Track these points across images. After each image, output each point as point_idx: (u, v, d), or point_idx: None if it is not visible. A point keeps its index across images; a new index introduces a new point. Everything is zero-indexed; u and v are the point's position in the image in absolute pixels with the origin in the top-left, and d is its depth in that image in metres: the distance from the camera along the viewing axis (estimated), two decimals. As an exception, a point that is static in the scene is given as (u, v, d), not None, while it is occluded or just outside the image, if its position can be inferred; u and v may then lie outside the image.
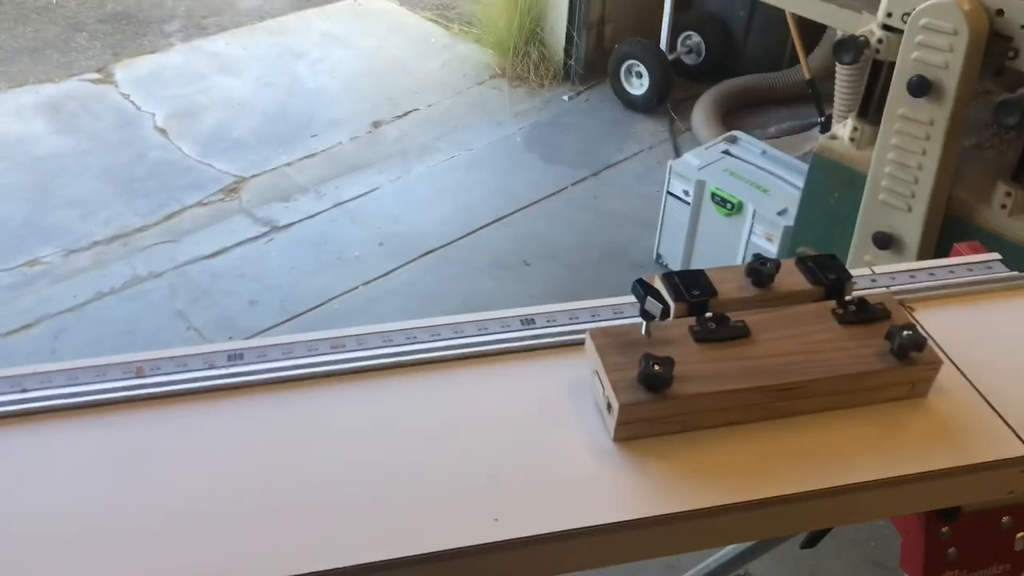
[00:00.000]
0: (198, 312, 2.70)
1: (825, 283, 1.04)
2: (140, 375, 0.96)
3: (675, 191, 2.74)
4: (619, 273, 2.89)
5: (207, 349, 0.99)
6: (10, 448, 0.90)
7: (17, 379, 0.94)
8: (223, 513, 0.85)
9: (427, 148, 3.45)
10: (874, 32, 2.00)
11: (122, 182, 3.20)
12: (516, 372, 1.01)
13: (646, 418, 0.91)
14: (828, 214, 2.26)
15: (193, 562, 0.81)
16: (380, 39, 4.15)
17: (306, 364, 0.99)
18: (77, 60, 3.92)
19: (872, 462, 0.92)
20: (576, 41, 3.77)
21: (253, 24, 4.25)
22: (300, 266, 2.88)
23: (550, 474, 0.90)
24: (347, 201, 3.16)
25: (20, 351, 2.54)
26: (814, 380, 0.94)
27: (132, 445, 0.91)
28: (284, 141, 3.45)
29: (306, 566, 0.80)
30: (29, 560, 0.80)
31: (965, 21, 1.82)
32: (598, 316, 1.07)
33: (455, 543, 0.83)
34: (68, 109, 3.59)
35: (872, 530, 2.08)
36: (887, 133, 2.01)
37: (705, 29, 3.70)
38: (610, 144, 3.50)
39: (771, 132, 3.36)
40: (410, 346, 1.02)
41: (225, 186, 3.21)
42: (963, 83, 1.88)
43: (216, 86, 3.76)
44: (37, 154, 3.32)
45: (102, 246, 2.93)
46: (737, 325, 0.97)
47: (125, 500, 0.86)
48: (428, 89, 3.80)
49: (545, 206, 3.18)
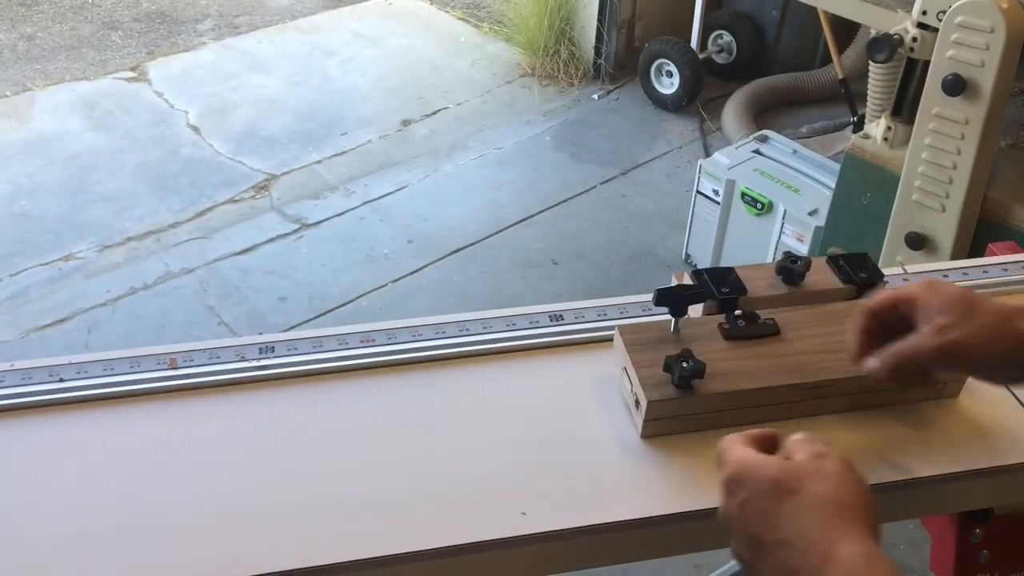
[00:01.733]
0: (228, 308, 2.72)
1: (856, 282, 1.03)
2: (173, 366, 0.97)
3: (705, 191, 2.73)
4: (648, 273, 2.88)
5: (239, 342, 1.01)
6: (47, 435, 0.92)
7: (55, 369, 0.96)
8: (253, 502, 0.86)
9: (456, 147, 3.46)
10: (909, 30, 1.98)
11: (155, 179, 3.24)
12: (544, 368, 1.02)
13: (674, 415, 0.91)
14: (860, 214, 2.23)
15: (223, 550, 0.82)
16: (410, 38, 4.17)
17: (336, 357, 1.00)
18: (112, 58, 3.97)
19: (902, 462, 0.91)
20: (606, 40, 3.76)
21: (284, 23, 4.28)
22: (329, 263, 2.90)
23: (577, 469, 0.91)
24: (376, 199, 3.18)
25: (54, 345, 2.58)
26: (844, 379, 0.93)
27: (165, 434, 0.92)
28: (314, 139, 3.48)
29: (335, 556, 0.81)
30: (63, 545, 0.82)
31: (1003, 19, 1.79)
32: (627, 313, 1.07)
33: (482, 536, 0.83)
34: (103, 107, 3.63)
35: (902, 533, 2.06)
36: (921, 133, 1.99)
37: (736, 28, 3.68)
38: (639, 143, 3.49)
39: (803, 132, 3.33)
40: (439, 341, 1.02)
41: (256, 183, 3.24)
42: (999, 82, 1.85)
43: (247, 84, 3.80)
44: (73, 151, 3.37)
45: (135, 242, 2.96)
46: (767, 323, 0.97)
47: (157, 487, 0.87)
48: (457, 88, 3.81)
49: (573, 205, 3.17)
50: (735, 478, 0.65)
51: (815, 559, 0.57)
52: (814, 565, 0.57)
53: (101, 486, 0.87)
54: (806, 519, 0.59)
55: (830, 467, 0.63)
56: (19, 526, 0.83)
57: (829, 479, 0.61)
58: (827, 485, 0.61)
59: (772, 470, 0.63)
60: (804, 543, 0.58)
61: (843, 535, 0.58)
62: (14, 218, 3.05)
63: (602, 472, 0.90)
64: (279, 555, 0.81)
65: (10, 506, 0.85)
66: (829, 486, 0.61)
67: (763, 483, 0.63)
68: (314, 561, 0.81)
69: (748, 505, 0.63)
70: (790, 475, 0.62)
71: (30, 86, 3.75)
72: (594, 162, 3.38)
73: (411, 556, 0.82)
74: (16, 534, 0.82)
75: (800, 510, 0.60)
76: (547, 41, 3.78)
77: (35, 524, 0.83)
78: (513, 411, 0.97)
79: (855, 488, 0.62)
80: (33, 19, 4.26)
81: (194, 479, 0.88)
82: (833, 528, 0.58)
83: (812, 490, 0.61)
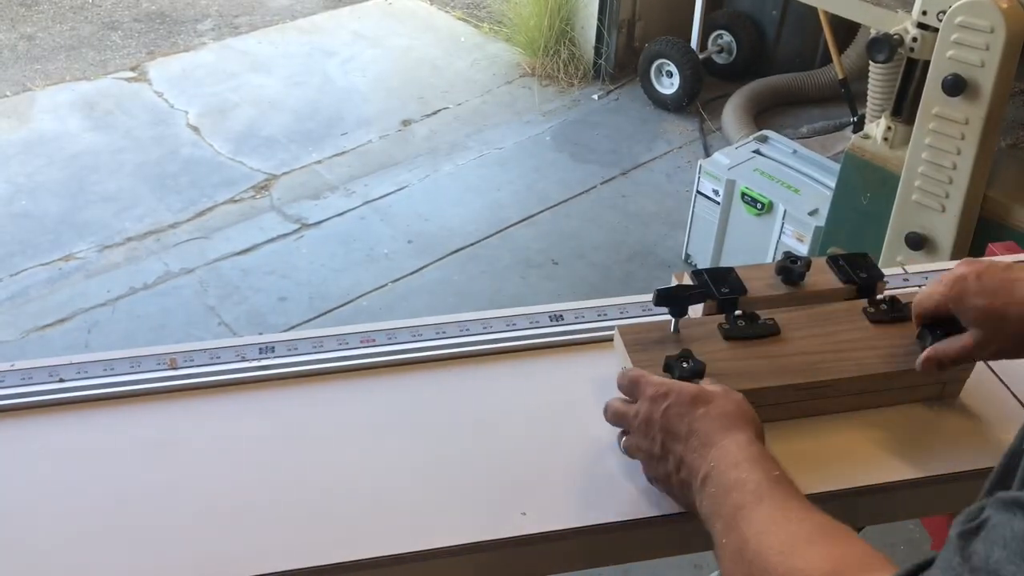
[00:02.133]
0: (228, 308, 2.72)
1: (856, 282, 1.03)
2: (173, 366, 0.97)
3: (705, 191, 2.73)
4: (648, 273, 2.88)
5: (239, 342, 1.01)
6: (47, 435, 0.92)
7: (55, 369, 0.96)
8: (253, 502, 0.86)
9: (456, 147, 3.46)
10: (909, 30, 1.98)
11: (155, 179, 3.24)
12: (544, 368, 1.02)
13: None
14: (860, 214, 2.23)
15: (223, 550, 0.82)
16: (410, 38, 4.17)
17: (336, 357, 1.00)
18: (112, 58, 3.97)
19: (902, 462, 0.91)
20: (606, 40, 3.76)
21: (284, 23, 4.28)
22: (329, 263, 2.89)
23: (577, 469, 0.91)
24: (376, 199, 3.18)
25: (54, 344, 2.58)
26: (844, 379, 0.93)
27: (165, 434, 0.92)
28: (314, 139, 3.48)
29: (335, 556, 0.81)
30: (63, 545, 0.82)
31: (1003, 19, 1.79)
32: (626, 313, 1.07)
33: (482, 536, 0.83)
34: (103, 107, 3.63)
35: (902, 533, 2.06)
36: (921, 133, 1.98)
37: (736, 28, 3.68)
38: (639, 143, 3.49)
39: (803, 132, 3.33)
40: (439, 341, 1.02)
41: (256, 183, 3.24)
42: (999, 82, 1.85)
43: (247, 84, 3.80)
44: (72, 151, 3.37)
45: (135, 242, 2.96)
46: (767, 323, 0.97)
47: (157, 487, 0.87)
48: (457, 88, 3.81)
49: (574, 205, 3.17)
50: (663, 392, 0.84)
51: (712, 440, 0.79)
52: (709, 443, 0.79)
53: (101, 486, 0.87)
54: (714, 419, 0.80)
55: (735, 396, 0.84)
56: (19, 526, 0.83)
57: (734, 401, 0.83)
58: (731, 403, 0.82)
59: (694, 389, 0.84)
60: (707, 432, 0.80)
61: (736, 430, 0.79)
62: (14, 218, 3.05)
63: (602, 472, 0.90)
64: (279, 555, 0.81)
65: (10, 506, 0.85)
66: (733, 404, 0.82)
67: (685, 395, 0.83)
68: (314, 561, 0.81)
69: (671, 409, 0.82)
70: (705, 392, 0.83)
71: (30, 86, 3.75)
72: (594, 162, 3.38)
73: (411, 556, 0.82)
74: (16, 534, 0.82)
75: (709, 414, 0.81)
76: (547, 41, 3.78)
77: (35, 524, 0.83)
78: (513, 411, 0.97)
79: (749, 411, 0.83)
80: (33, 19, 4.26)
81: (194, 479, 0.88)
82: (730, 426, 0.80)
83: (720, 402, 0.82)
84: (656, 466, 0.83)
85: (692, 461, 0.79)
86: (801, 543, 0.67)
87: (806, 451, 0.92)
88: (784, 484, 0.73)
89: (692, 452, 0.79)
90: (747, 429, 0.79)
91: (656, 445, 0.82)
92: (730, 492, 0.74)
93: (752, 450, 0.77)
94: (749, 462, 0.75)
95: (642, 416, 0.84)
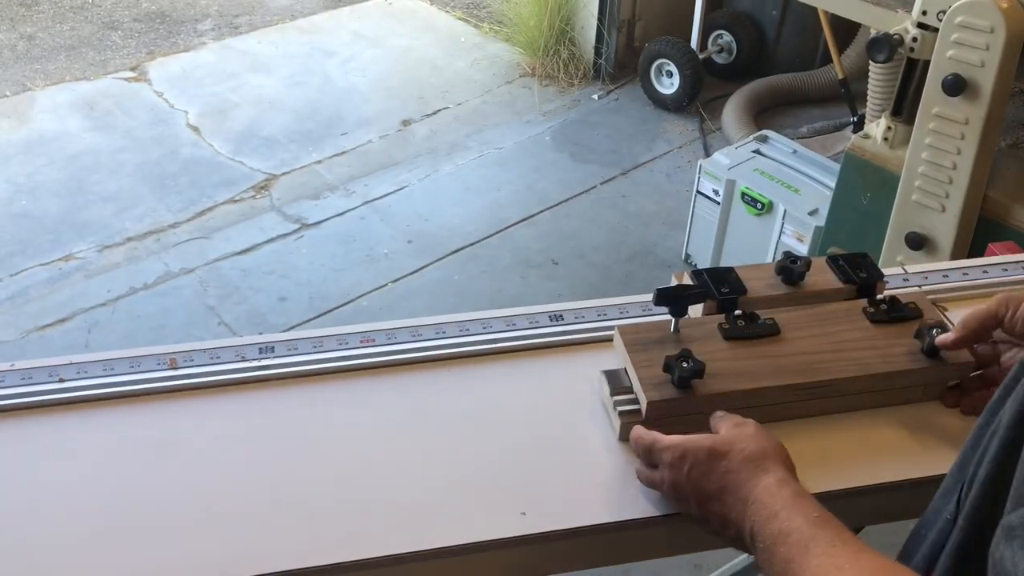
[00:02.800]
0: (228, 308, 2.72)
1: (856, 282, 1.03)
2: (173, 366, 0.97)
3: (705, 190, 2.73)
4: (648, 273, 2.87)
5: (239, 342, 1.01)
6: (47, 435, 0.92)
7: (55, 369, 0.96)
8: (253, 502, 0.86)
9: (456, 147, 3.45)
10: (909, 30, 1.98)
11: (155, 179, 3.24)
12: (544, 368, 1.02)
13: (673, 415, 0.91)
14: (860, 214, 2.23)
15: (223, 550, 0.82)
16: (410, 38, 4.17)
17: (336, 357, 1.00)
18: (112, 58, 3.97)
19: (903, 462, 0.91)
20: (606, 40, 3.76)
21: (284, 23, 4.28)
22: (329, 263, 2.89)
23: (577, 469, 0.90)
24: (376, 199, 3.18)
25: (54, 345, 2.58)
26: (844, 379, 0.93)
27: (165, 434, 0.92)
28: (314, 139, 3.48)
29: (335, 556, 0.81)
30: (63, 545, 0.82)
31: (1003, 19, 1.79)
32: (627, 313, 1.07)
33: (482, 536, 0.83)
34: (103, 107, 3.63)
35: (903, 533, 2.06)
36: (921, 132, 1.98)
37: (736, 28, 3.68)
38: (639, 143, 3.49)
39: (803, 132, 3.33)
40: (439, 341, 1.02)
41: (256, 183, 3.24)
42: (999, 82, 1.85)
43: (247, 84, 3.80)
44: (72, 151, 3.37)
45: (135, 242, 2.96)
46: (767, 323, 0.97)
47: (157, 487, 0.87)
48: (457, 88, 3.81)
49: (574, 205, 3.17)
50: (679, 455, 0.81)
51: (745, 493, 0.76)
52: (743, 498, 0.76)
53: (101, 486, 0.87)
54: (737, 472, 0.78)
55: (748, 431, 0.81)
56: (19, 526, 0.83)
57: (749, 439, 0.80)
58: (748, 444, 0.79)
59: (707, 442, 0.81)
60: (736, 485, 0.77)
61: (763, 473, 0.77)
62: (14, 218, 3.05)
63: (602, 472, 0.90)
64: (279, 555, 0.81)
65: (10, 506, 0.85)
66: (750, 444, 0.79)
67: (701, 452, 0.80)
68: (314, 561, 0.81)
69: (693, 471, 0.80)
70: (720, 442, 0.80)
71: (30, 86, 3.75)
72: (594, 162, 3.38)
73: (411, 556, 0.82)
74: (16, 534, 0.82)
75: (731, 465, 0.78)
76: (547, 41, 3.78)
77: (35, 524, 0.83)
78: (513, 411, 0.97)
79: (769, 442, 0.80)
80: (33, 19, 4.26)
81: (194, 479, 0.88)
82: (756, 470, 0.77)
83: (738, 448, 0.79)
84: (704, 527, 0.82)
85: (735, 520, 0.77)
86: None
87: (805, 451, 0.92)
88: (826, 526, 0.71)
89: (731, 510, 0.77)
90: (774, 468, 0.77)
91: (693, 508, 0.81)
92: (776, 547, 0.71)
93: (785, 494, 0.74)
94: (786, 510, 0.73)
95: (668, 484, 0.82)
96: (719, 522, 0.78)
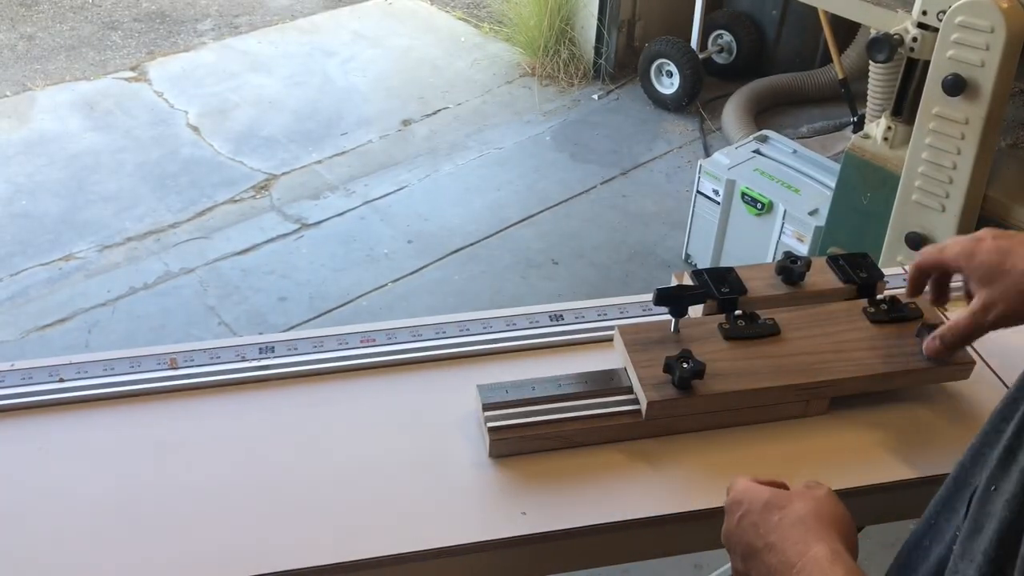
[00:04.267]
0: (228, 308, 2.72)
1: (857, 282, 1.03)
2: (173, 366, 0.97)
3: (705, 190, 2.72)
4: (648, 273, 2.87)
5: (239, 342, 1.01)
6: (47, 435, 0.92)
7: (55, 369, 0.96)
8: (253, 502, 0.86)
9: (456, 147, 3.45)
10: (909, 30, 1.97)
11: (155, 179, 3.24)
12: (544, 368, 1.01)
13: (674, 415, 0.91)
14: (860, 214, 2.23)
15: (223, 550, 0.82)
16: (410, 38, 4.17)
17: (336, 357, 1.00)
18: (112, 58, 3.97)
19: (902, 462, 0.91)
20: (606, 40, 3.76)
21: (284, 23, 4.28)
22: (329, 263, 2.89)
23: (577, 468, 0.90)
24: (376, 199, 3.17)
25: (54, 344, 2.58)
26: (844, 379, 0.93)
27: (165, 434, 0.92)
28: (314, 139, 3.48)
29: (335, 556, 0.81)
30: (63, 544, 0.82)
31: (1003, 19, 1.79)
32: (627, 313, 1.07)
33: (482, 536, 0.83)
34: (103, 107, 3.63)
35: (903, 533, 2.06)
36: (921, 132, 1.98)
37: (736, 28, 3.68)
38: (640, 143, 3.48)
39: (803, 132, 3.33)
40: (439, 341, 1.02)
41: (256, 183, 3.24)
42: (1000, 82, 1.85)
43: (247, 84, 3.79)
44: (73, 151, 3.37)
45: (135, 242, 2.96)
46: (767, 323, 0.97)
47: (157, 487, 0.87)
48: (458, 88, 3.81)
49: (574, 205, 3.17)
50: (735, 500, 0.75)
51: (793, 556, 0.68)
52: (791, 562, 0.68)
53: (101, 486, 0.87)
54: (789, 528, 0.70)
55: (816, 492, 0.73)
56: (19, 526, 0.83)
57: (813, 499, 0.72)
58: (810, 503, 0.72)
59: (766, 493, 0.74)
60: (786, 544, 0.69)
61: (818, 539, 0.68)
62: (14, 218, 3.05)
63: (602, 472, 0.90)
64: (279, 555, 0.81)
65: (10, 506, 0.85)
66: (812, 504, 0.71)
67: (757, 502, 0.73)
68: (314, 561, 0.81)
69: (744, 519, 0.73)
70: (780, 496, 0.73)
71: (30, 86, 3.75)
72: (594, 162, 3.38)
73: (411, 556, 0.82)
74: (16, 534, 0.82)
75: (785, 521, 0.70)
76: (547, 41, 3.78)
77: (36, 524, 0.83)
78: (513, 411, 0.96)
79: (835, 508, 0.72)
80: (33, 19, 4.26)
81: (194, 479, 0.88)
82: (811, 533, 0.69)
83: (796, 506, 0.71)
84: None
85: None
86: None
87: (805, 451, 0.92)
88: None
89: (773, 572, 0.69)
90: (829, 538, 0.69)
91: (739, 561, 0.74)
92: None
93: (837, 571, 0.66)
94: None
95: (723, 530, 0.77)
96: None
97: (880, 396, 0.96)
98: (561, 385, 0.93)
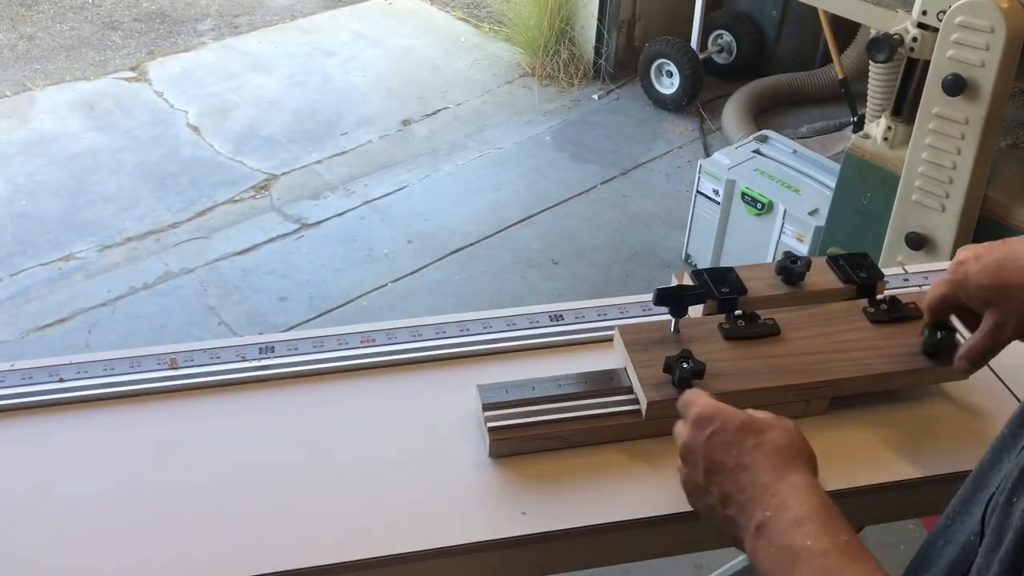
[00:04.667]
0: (229, 308, 2.72)
1: (857, 282, 1.03)
2: (173, 366, 0.97)
3: (705, 190, 2.72)
4: (648, 273, 2.87)
5: (239, 342, 1.01)
6: (47, 435, 0.92)
7: (55, 369, 0.96)
8: (253, 502, 0.86)
9: (456, 147, 3.45)
10: (909, 30, 1.98)
11: (155, 179, 3.24)
12: (545, 368, 1.01)
13: (674, 415, 0.91)
14: (860, 214, 2.23)
15: (223, 550, 0.82)
16: (410, 38, 4.17)
17: (336, 357, 1.00)
18: (112, 58, 3.97)
19: (902, 462, 0.91)
20: (606, 40, 3.76)
21: (284, 23, 4.28)
22: (329, 263, 2.89)
23: (577, 468, 0.90)
24: (376, 199, 3.17)
25: (54, 345, 2.58)
26: (844, 379, 0.93)
27: (165, 434, 0.92)
28: (314, 139, 3.48)
29: (335, 556, 0.81)
30: (63, 544, 0.82)
31: (1003, 19, 1.79)
32: (627, 313, 1.07)
33: (482, 536, 0.83)
34: (103, 107, 3.63)
35: (902, 532, 2.06)
36: (921, 132, 1.99)
37: (736, 28, 3.68)
38: (640, 143, 3.48)
39: (803, 132, 3.33)
40: (439, 341, 1.02)
41: (256, 183, 3.24)
42: (1000, 82, 1.85)
43: (247, 84, 3.79)
44: (73, 151, 3.37)
45: (135, 242, 2.96)
46: (767, 323, 0.97)
47: (157, 487, 0.87)
48: (457, 88, 3.81)
49: (574, 205, 3.17)
50: (705, 416, 0.76)
51: (769, 479, 0.70)
52: (766, 484, 0.70)
53: (101, 486, 0.87)
54: (768, 453, 0.72)
55: (787, 424, 0.76)
56: (19, 526, 0.83)
57: (786, 432, 0.74)
58: (785, 435, 0.74)
59: (741, 415, 0.76)
60: (762, 468, 0.71)
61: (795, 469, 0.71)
62: (14, 218, 3.04)
63: (602, 472, 0.90)
64: (279, 555, 0.81)
65: (10, 506, 0.85)
66: (787, 436, 0.74)
67: (732, 422, 0.75)
68: (314, 561, 0.81)
69: (715, 436, 0.75)
70: (755, 421, 0.75)
71: (30, 86, 3.75)
72: (594, 162, 3.38)
73: (411, 556, 0.82)
74: (16, 534, 0.82)
75: (762, 447, 0.73)
76: (547, 41, 3.78)
77: (36, 524, 0.83)
78: (513, 411, 0.96)
79: (806, 446, 0.75)
80: (33, 19, 4.25)
81: (194, 479, 0.88)
82: (789, 463, 0.72)
83: (773, 435, 0.74)
84: (699, 497, 0.76)
85: (743, 502, 0.71)
86: None
87: (806, 451, 0.92)
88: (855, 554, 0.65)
89: (742, 492, 0.71)
90: (804, 468, 0.71)
91: (699, 474, 0.75)
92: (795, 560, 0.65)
93: (814, 502, 0.68)
94: (814, 524, 0.66)
95: (682, 443, 0.78)
96: (719, 498, 0.73)
97: (880, 396, 0.96)
98: (561, 385, 0.93)
